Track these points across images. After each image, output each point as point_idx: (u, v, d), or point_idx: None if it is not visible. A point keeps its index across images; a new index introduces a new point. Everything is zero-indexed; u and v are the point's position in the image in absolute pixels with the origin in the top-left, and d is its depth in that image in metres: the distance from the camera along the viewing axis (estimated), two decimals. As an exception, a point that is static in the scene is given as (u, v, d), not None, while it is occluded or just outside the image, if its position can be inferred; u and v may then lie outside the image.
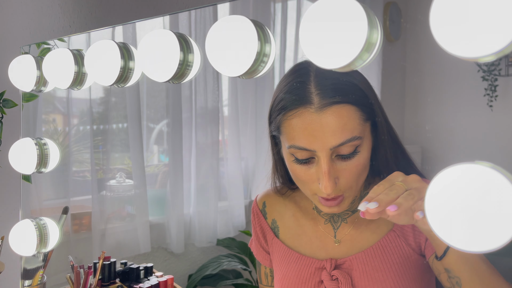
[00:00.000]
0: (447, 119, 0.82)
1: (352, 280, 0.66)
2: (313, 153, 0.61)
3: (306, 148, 0.61)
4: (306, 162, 0.63)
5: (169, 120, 1.37)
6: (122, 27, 1.07)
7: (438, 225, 0.43)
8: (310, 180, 0.63)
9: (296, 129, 0.61)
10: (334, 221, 0.71)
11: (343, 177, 0.62)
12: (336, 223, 0.70)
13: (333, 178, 0.60)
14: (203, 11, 1.12)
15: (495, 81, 0.76)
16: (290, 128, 0.62)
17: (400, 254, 0.65)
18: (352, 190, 0.64)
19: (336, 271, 0.66)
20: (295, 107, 0.61)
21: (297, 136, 0.61)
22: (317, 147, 0.60)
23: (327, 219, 0.71)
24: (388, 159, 0.65)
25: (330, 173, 0.60)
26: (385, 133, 0.64)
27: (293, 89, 0.62)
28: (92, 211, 1.21)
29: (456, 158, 0.44)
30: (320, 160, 0.61)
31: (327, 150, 0.60)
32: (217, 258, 1.40)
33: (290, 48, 1.41)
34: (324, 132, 0.59)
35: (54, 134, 1.24)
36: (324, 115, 0.59)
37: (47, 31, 1.20)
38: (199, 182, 1.44)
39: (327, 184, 0.60)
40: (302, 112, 0.60)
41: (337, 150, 0.60)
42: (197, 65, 0.71)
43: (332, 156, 0.61)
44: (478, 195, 0.41)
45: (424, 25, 0.41)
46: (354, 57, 0.45)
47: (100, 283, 0.99)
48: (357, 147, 0.61)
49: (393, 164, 0.65)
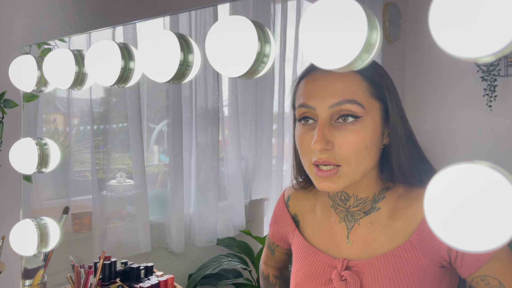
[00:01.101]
0: (446, 119, 0.83)
1: (362, 284, 0.65)
2: (313, 112, 0.63)
3: (307, 105, 0.63)
4: (307, 124, 0.65)
5: (169, 120, 1.38)
6: (123, 27, 1.07)
7: (438, 225, 0.43)
8: (308, 146, 0.64)
9: (304, 89, 0.65)
10: (348, 220, 0.70)
11: (339, 146, 0.61)
12: (350, 223, 0.70)
13: (325, 138, 0.61)
14: (203, 11, 1.12)
15: (494, 81, 0.76)
16: (300, 90, 0.66)
17: (416, 265, 0.63)
18: (350, 166, 0.62)
19: (346, 272, 0.66)
20: (309, 72, 0.66)
21: (302, 94, 0.65)
22: (317, 104, 0.62)
23: (342, 217, 0.71)
24: (402, 157, 0.64)
25: (324, 132, 0.61)
26: (399, 127, 0.64)
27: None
28: (93, 211, 1.21)
29: (456, 158, 0.44)
30: (319, 121, 0.62)
31: (326, 108, 0.62)
32: (217, 258, 1.40)
33: (290, 48, 1.41)
34: (326, 90, 0.62)
35: (55, 134, 1.24)
36: (330, 76, 0.63)
37: (48, 32, 1.20)
38: (199, 182, 1.44)
39: (317, 139, 0.60)
40: (313, 74, 0.65)
41: (337, 113, 0.62)
42: (197, 65, 0.71)
43: (331, 120, 0.62)
44: (478, 195, 0.41)
45: (424, 26, 0.41)
46: (354, 57, 0.45)
47: (101, 283, 0.99)
48: (359, 118, 0.61)
49: (408, 164, 0.64)
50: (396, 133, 0.64)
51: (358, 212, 0.69)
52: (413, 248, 0.64)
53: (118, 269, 1.00)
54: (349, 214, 0.70)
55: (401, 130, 0.64)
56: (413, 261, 0.64)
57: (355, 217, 0.70)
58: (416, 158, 0.66)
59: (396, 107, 0.65)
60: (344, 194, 0.70)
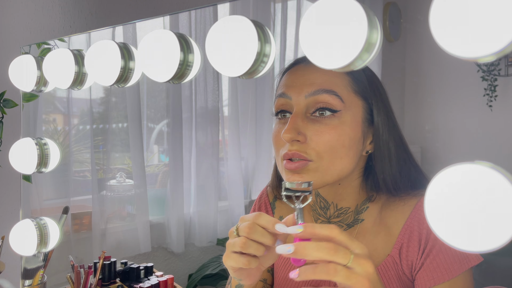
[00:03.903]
0: (446, 119, 0.82)
1: None
2: (290, 103, 0.60)
3: (284, 93, 0.61)
4: (283, 118, 0.62)
5: (169, 120, 1.37)
6: (122, 27, 1.07)
7: (438, 225, 0.43)
8: (281, 139, 0.59)
9: (284, 80, 0.63)
10: None
11: (311, 139, 0.57)
12: None
13: (296, 128, 0.57)
14: (203, 11, 1.12)
15: (495, 81, 0.76)
16: (280, 83, 0.64)
17: (400, 281, 0.60)
18: (322, 162, 0.57)
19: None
20: (291, 66, 0.64)
21: (281, 86, 0.63)
22: (293, 93, 0.60)
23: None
24: (385, 165, 0.60)
25: (296, 121, 0.58)
26: (384, 131, 0.60)
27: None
28: (93, 211, 1.21)
29: (456, 158, 0.44)
30: (293, 112, 0.60)
31: (302, 97, 0.59)
32: (217, 258, 1.40)
33: (290, 48, 1.41)
34: (304, 79, 0.60)
35: (55, 134, 1.24)
36: (310, 68, 0.60)
37: (48, 31, 1.20)
38: (199, 182, 1.44)
39: (287, 128, 0.57)
40: (295, 67, 0.63)
41: (313, 105, 0.58)
42: (197, 65, 0.71)
43: (306, 112, 0.59)
44: (478, 195, 0.41)
45: (424, 26, 0.41)
46: (354, 57, 0.45)
47: (101, 283, 0.99)
48: (337, 113, 0.58)
49: (392, 172, 0.61)
50: (380, 137, 0.60)
51: (340, 224, 0.65)
52: (394, 263, 0.61)
53: (118, 269, 1.00)
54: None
55: (386, 135, 0.60)
56: (397, 277, 0.61)
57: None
58: (403, 167, 0.62)
59: (383, 110, 0.61)
60: (323, 201, 0.66)
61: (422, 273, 0.59)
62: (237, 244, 0.51)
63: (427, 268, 0.58)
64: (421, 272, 0.59)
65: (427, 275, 0.58)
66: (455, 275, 0.57)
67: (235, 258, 0.52)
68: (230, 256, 0.52)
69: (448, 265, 0.58)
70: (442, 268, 0.57)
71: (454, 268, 0.57)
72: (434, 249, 0.58)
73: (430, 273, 0.58)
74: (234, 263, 0.52)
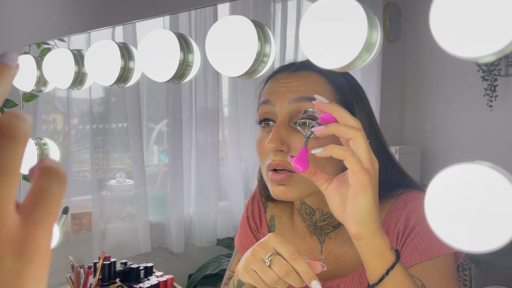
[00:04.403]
0: (446, 119, 0.82)
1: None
2: (273, 111, 0.61)
3: (268, 100, 0.62)
4: (267, 127, 0.62)
5: (169, 120, 1.38)
6: (122, 27, 1.07)
7: (438, 225, 0.43)
8: (265, 149, 0.60)
9: (267, 87, 0.64)
10: (319, 234, 0.68)
11: (295, 149, 0.58)
12: (320, 236, 0.68)
13: (280, 138, 0.58)
14: (203, 11, 1.12)
15: (495, 81, 0.76)
16: (263, 90, 0.65)
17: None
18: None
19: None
20: (274, 74, 0.65)
21: (264, 93, 0.64)
22: (277, 99, 0.61)
23: (312, 231, 0.69)
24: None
25: (280, 131, 0.58)
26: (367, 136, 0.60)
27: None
28: (92, 211, 1.21)
29: (456, 158, 0.44)
30: (277, 121, 0.60)
31: (285, 104, 0.60)
32: (217, 258, 1.40)
33: (290, 48, 1.41)
34: (288, 87, 0.61)
35: (54, 134, 1.24)
36: (293, 76, 0.62)
37: (47, 31, 1.20)
38: (199, 182, 1.44)
39: (271, 138, 0.57)
40: (277, 75, 0.64)
41: (296, 114, 0.59)
42: (197, 65, 0.71)
43: (290, 120, 0.60)
44: (478, 195, 0.41)
45: (424, 26, 0.41)
46: (354, 57, 0.45)
47: (100, 283, 0.99)
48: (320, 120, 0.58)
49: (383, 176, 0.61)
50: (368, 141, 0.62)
51: (326, 227, 0.67)
52: None
53: (117, 270, 1.00)
54: (318, 229, 0.68)
55: (374, 136, 0.62)
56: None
57: (325, 231, 0.67)
58: (385, 171, 0.62)
59: (364, 117, 0.62)
60: (309, 208, 0.67)
61: (402, 256, 0.59)
62: (266, 276, 0.52)
63: (405, 250, 0.60)
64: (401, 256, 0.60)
65: (406, 256, 0.59)
66: (434, 256, 0.58)
67: (255, 279, 0.53)
68: (250, 275, 0.53)
69: (426, 246, 0.59)
70: (420, 250, 0.59)
71: (433, 250, 0.58)
72: (412, 233, 0.60)
73: (408, 255, 0.59)
74: (252, 281, 0.53)
